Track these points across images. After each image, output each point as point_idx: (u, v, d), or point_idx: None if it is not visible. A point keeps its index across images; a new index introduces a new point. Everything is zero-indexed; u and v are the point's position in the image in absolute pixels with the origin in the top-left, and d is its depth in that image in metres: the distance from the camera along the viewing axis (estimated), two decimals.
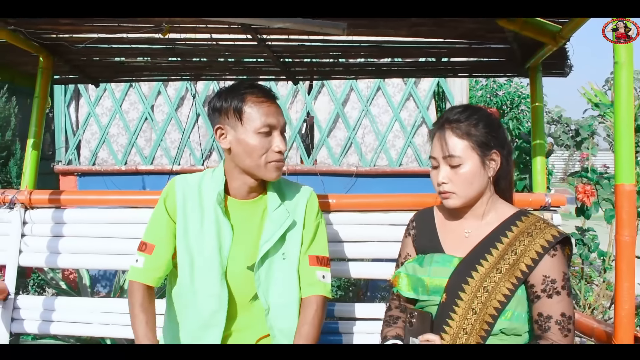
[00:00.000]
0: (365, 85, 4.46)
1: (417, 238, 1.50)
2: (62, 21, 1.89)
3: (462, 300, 1.31)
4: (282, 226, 1.50)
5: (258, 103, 1.42)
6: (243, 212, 1.51)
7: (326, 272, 1.55)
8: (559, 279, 1.26)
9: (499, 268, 1.29)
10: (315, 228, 1.57)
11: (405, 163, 4.47)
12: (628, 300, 1.26)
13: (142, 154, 4.74)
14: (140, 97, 4.70)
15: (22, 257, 2.01)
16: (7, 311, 1.98)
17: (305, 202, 1.56)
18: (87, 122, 4.78)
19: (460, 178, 1.33)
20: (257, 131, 1.41)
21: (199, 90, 4.64)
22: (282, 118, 1.46)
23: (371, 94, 4.44)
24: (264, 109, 1.42)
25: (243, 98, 1.43)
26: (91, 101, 4.75)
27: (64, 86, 4.72)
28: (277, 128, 1.44)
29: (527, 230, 1.32)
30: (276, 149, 1.43)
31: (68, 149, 4.78)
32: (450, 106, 1.46)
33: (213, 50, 2.21)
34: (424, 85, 4.39)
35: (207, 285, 1.45)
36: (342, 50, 2.13)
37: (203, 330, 1.45)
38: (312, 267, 1.53)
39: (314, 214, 1.57)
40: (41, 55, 2.17)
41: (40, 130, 2.18)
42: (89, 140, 4.81)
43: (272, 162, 1.44)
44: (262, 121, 1.41)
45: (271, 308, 1.49)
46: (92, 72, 2.49)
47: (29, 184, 2.10)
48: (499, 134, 1.37)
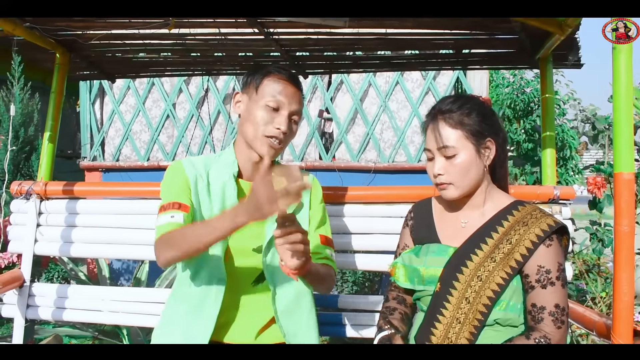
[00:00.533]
0: (383, 80, 4.44)
1: (414, 229, 1.49)
2: (76, 18, 1.96)
3: (455, 289, 1.30)
4: (289, 208, 1.50)
5: (277, 80, 1.48)
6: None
7: (333, 251, 1.60)
8: (553, 270, 1.24)
9: (494, 257, 1.28)
10: (323, 210, 1.62)
11: (424, 159, 4.41)
12: (627, 293, 1.23)
13: (164, 150, 4.83)
14: (163, 95, 4.79)
15: (37, 246, 2.08)
16: (23, 298, 2.05)
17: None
18: (111, 120, 4.89)
19: (456, 168, 1.32)
20: (266, 103, 1.45)
21: (219, 87, 4.69)
22: (295, 104, 1.48)
23: (390, 89, 4.42)
24: (280, 87, 1.47)
25: (267, 72, 1.50)
26: (115, 99, 4.86)
27: (89, 84, 4.85)
28: (285, 108, 1.46)
29: (522, 219, 1.30)
30: (276, 125, 1.45)
31: (93, 146, 4.90)
32: (442, 97, 1.45)
33: (223, 45, 2.24)
34: (443, 79, 4.34)
35: (208, 264, 1.46)
36: (350, 43, 2.13)
37: (200, 307, 1.46)
38: (323, 245, 1.57)
39: (319, 197, 1.62)
40: (57, 52, 2.23)
41: (56, 124, 2.24)
42: (113, 137, 4.92)
43: (268, 137, 1.45)
44: (272, 96, 1.46)
45: (277, 290, 1.50)
46: (107, 68, 2.55)
47: (45, 176, 2.17)
48: (492, 122, 1.35)
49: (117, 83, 4.86)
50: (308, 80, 4.55)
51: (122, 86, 4.84)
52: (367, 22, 1.86)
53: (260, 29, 1.98)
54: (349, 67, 2.49)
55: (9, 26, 1.87)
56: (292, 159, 4.65)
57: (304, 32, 2.04)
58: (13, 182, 2.12)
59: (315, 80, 4.54)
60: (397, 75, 4.36)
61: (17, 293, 2.05)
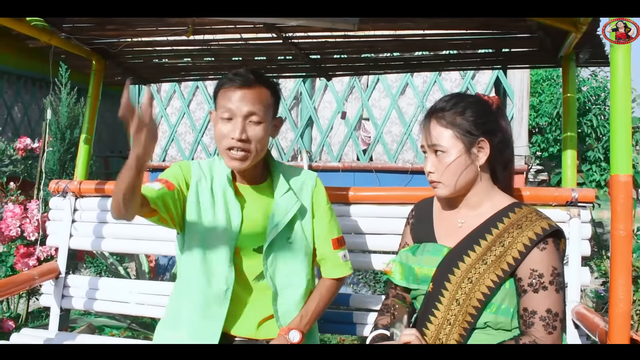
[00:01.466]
0: (421, 80, 4.40)
1: (414, 227, 1.50)
2: (108, 27, 2.08)
3: (447, 290, 1.30)
4: (290, 211, 1.55)
5: (226, 89, 1.47)
6: (251, 196, 1.58)
7: (345, 250, 1.64)
8: (546, 274, 1.22)
9: (485, 259, 1.27)
10: (329, 212, 1.64)
11: None
12: (623, 299, 1.19)
13: (207, 150, 5.00)
14: (206, 97, 4.95)
15: (72, 241, 2.22)
16: (59, 289, 2.20)
17: (312, 187, 1.62)
18: (158, 122, 5.11)
19: (444, 167, 1.32)
20: (220, 116, 1.46)
21: None
22: (247, 105, 1.44)
23: (428, 89, 4.37)
24: (228, 94, 1.45)
25: (222, 84, 1.49)
26: (162, 102, 5.08)
27: (138, 89, 5.09)
28: (237, 114, 1.43)
29: (517, 222, 1.28)
30: (230, 135, 1.42)
31: None
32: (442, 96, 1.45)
33: (245, 50, 2.31)
34: (483, 78, 4.25)
35: (216, 265, 1.53)
36: (367, 45, 2.15)
37: (208, 307, 1.53)
38: (335, 250, 1.61)
39: (323, 199, 1.64)
40: (93, 59, 2.37)
41: (92, 126, 2.39)
42: (160, 138, 5.13)
43: (227, 150, 1.45)
44: (223, 106, 1.45)
45: (279, 292, 1.55)
46: (142, 74, 2.68)
47: (80, 175, 2.32)
48: (488, 121, 1.34)
49: (164, 87, 5.07)
50: (345, 81, 4.59)
51: (168, 90, 5.04)
52: (383, 24, 1.87)
53: (278, 34, 2.04)
54: (370, 68, 2.50)
55: (45, 36, 2.02)
56: (329, 159, 4.69)
57: (321, 35, 2.08)
58: (51, 181, 2.28)
59: (353, 81, 4.56)
60: (434, 75, 4.32)
61: (54, 284, 2.20)
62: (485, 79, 4.23)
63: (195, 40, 2.33)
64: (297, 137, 4.71)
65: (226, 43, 2.26)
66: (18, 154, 2.87)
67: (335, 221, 1.66)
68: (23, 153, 2.92)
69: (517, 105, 4.14)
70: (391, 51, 2.19)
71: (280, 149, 4.78)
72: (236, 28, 2.04)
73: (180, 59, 2.47)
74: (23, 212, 2.32)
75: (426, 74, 4.36)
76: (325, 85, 4.65)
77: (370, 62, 2.38)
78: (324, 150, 4.76)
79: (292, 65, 2.47)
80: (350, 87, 4.60)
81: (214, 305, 1.53)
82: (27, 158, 3.00)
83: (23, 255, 2.28)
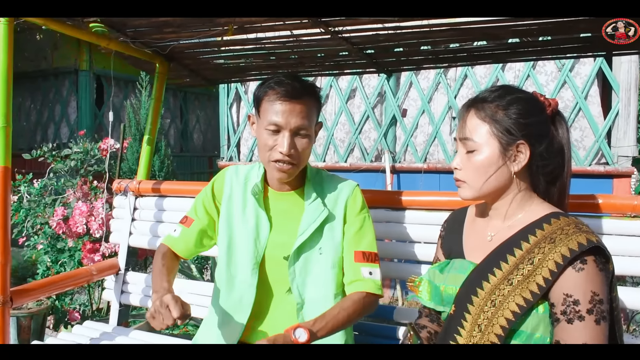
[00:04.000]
0: (513, 74, 4.05)
1: (444, 240, 1.33)
2: (166, 30, 2.12)
3: (469, 314, 1.12)
4: (317, 219, 1.47)
5: (273, 99, 1.41)
6: (282, 203, 1.53)
7: (374, 268, 1.47)
8: (583, 300, 1.00)
9: (511, 279, 1.07)
10: (360, 222, 1.51)
11: None
12: None
13: None
14: None
15: (131, 239, 2.30)
16: (118, 284, 2.29)
17: (347, 197, 1.52)
18: (245, 122, 5.23)
19: (472, 165, 1.15)
20: (265, 127, 1.41)
21: (342, 88, 4.72)
22: (297, 119, 1.39)
23: (520, 83, 4.01)
24: (276, 107, 1.40)
25: (265, 92, 1.44)
26: (249, 103, 5.19)
27: (226, 90, 5.25)
28: (286, 128, 1.39)
29: (551, 235, 1.07)
30: (279, 149, 1.39)
31: (229, 147, 5.30)
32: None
33: (299, 47, 2.24)
34: (584, 70, 3.80)
35: (241, 271, 1.50)
36: (421, 36, 1.98)
37: (231, 313, 1.50)
38: (357, 263, 1.47)
39: (357, 208, 1.52)
40: (156, 62, 2.44)
41: (154, 128, 2.46)
42: (247, 138, 5.26)
43: (273, 162, 1.42)
44: (269, 119, 1.40)
45: (305, 303, 1.47)
46: (207, 75, 2.72)
47: (142, 175, 2.40)
48: (535, 123, 1.13)
49: (251, 88, 5.18)
50: (431, 77, 4.35)
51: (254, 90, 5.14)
52: None
53: (325, 28, 1.94)
54: (430, 62, 2.30)
55: (103, 41, 2.10)
56: (413, 159, 4.48)
57: (371, 27, 1.95)
58: (114, 180, 2.38)
59: (439, 77, 4.32)
60: (528, 68, 3.94)
61: (114, 279, 2.29)
62: (586, 70, 3.78)
63: (249, 39, 2.32)
64: (381, 137, 4.56)
65: (279, 41, 2.20)
66: (102, 154, 3.07)
67: (368, 234, 1.52)
68: (106, 153, 3.11)
69: (622, 100, 3.64)
70: (447, 42, 1.99)
71: (363, 149, 4.67)
72: (285, 24, 1.97)
73: (238, 59, 2.46)
74: (89, 209, 2.45)
75: (519, 68, 4.00)
76: (410, 82, 4.46)
77: (431, 55, 2.19)
78: (408, 150, 4.56)
79: (347, 61, 2.35)
80: (435, 84, 4.36)
81: (234, 313, 1.49)
82: (110, 158, 3.19)
83: (89, 250, 2.42)
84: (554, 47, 1.98)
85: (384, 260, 1.84)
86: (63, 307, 2.54)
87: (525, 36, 1.86)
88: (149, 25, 2.08)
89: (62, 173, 3.12)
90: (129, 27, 2.11)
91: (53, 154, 3.18)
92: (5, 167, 1.69)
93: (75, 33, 2.02)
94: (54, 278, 2.08)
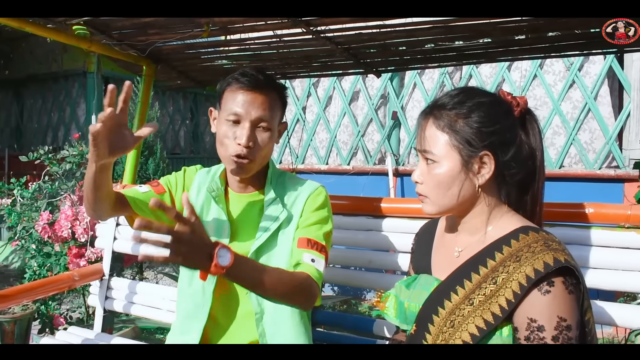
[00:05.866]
0: (519, 75, 3.93)
1: (414, 254, 1.25)
2: (150, 31, 2.08)
3: (430, 334, 1.04)
4: (275, 222, 1.40)
5: (235, 89, 1.36)
6: (242, 206, 1.46)
7: (317, 257, 1.35)
8: (548, 327, 0.91)
9: (472, 299, 0.99)
10: (314, 218, 1.41)
11: (567, 164, 3.80)
12: None
13: (295, 153, 4.96)
14: (293, 99, 4.92)
15: (115, 244, 2.26)
16: (102, 290, 2.25)
17: (307, 195, 1.43)
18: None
19: (433, 179, 1.06)
20: (226, 118, 1.35)
21: (345, 89, 4.64)
22: (258, 110, 1.34)
23: (526, 84, 3.89)
24: (237, 97, 1.35)
25: (228, 82, 1.39)
26: None
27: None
28: (245, 119, 1.34)
29: (517, 252, 0.98)
30: (237, 141, 1.33)
31: None
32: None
33: (284, 48, 2.18)
34: (593, 69, 3.66)
35: (197, 277, 1.41)
36: (406, 34, 1.90)
37: (188, 320, 1.45)
38: (299, 249, 1.36)
39: (314, 206, 1.42)
40: (143, 64, 2.40)
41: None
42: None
43: (231, 157, 1.35)
44: (229, 108, 1.35)
45: (264, 311, 1.40)
46: (196, 76, 2.67)
47: (128, 179, 2.36)
48: (500, 130, 1.03)
49: None
50: (435, 78, 4.25)
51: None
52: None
53: (307, 28, 1.88)
54: (419, 61, 2.22)
55: (84, 44, 2.06)
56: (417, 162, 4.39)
57: (353, 27, 1.88)
58: None
59: (443, 78, 4.21)
60: (535, 68, 3.82)
61: (99, 285, 2.26)
62: (596, 69, 3.64)
63: (232, 40, 2.27)
64: (384, 139, 4.48)
65: (263, 41, 2.14)
66: None
67: (321, 229, 1.40)
68: None
69: (634, 100, 3.50)
70: (435, 40, 1.91)
71: (366, 152, 4.58)
72: (267, 25, 1.91)
73: (224, 60, 2.40)
74: (74, 214, 2.42)
75: (525, 67, 3.88)
76: (413, 82, 4.36)
77: (420, 55, 2.10)
78: (412, 153, 4.46)
79: (334, 62, 2.28)
80: (440, 85, 4.26)
81: (193, 319, 1.44)
82: None
83: (75, 255, 2.39)
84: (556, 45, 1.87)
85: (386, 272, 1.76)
86: (49, 312, 2.52)
87: (516, 34, 1.76)
88: (133, 26, 2.04)
89: (57, 176, 3.10)
90: (113, 28, 2.07)
91: (49, 157, 3.16)
92: None
93: (55, 36, 1.98)
94: (34, 284, 2.05)
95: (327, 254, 1.38)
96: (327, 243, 1.39)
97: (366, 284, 1.81)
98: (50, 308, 2.54)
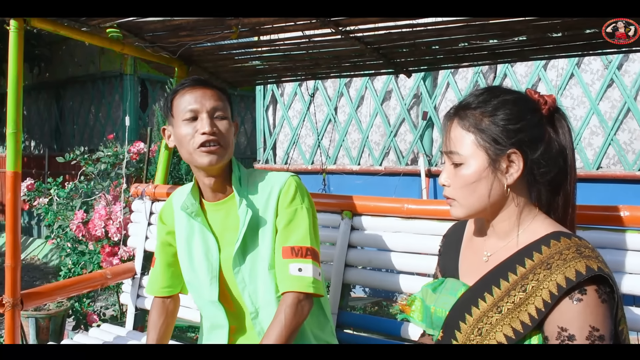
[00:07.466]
0: (555, 74, 3.82)
1: (442, 257, 1.23)
2: (181, 33, 2.11)
3: (457, 341, 1.02)
4: (249, 222, 1.38)
5: (183, 93, 1.39)
6: (220, 214, 1.45)
7: (304, 264, 1.33)
8: (579, 335, 0.87)
9: (500, 307, 0.96)
10: (290, 215, 1.38)
11: (605, 165, 3.67)
12: None
13: (327, 153, 4.96)
14: (325, 100, 4.91)
15: (147, 243, 2.30)
16: (134, 288, 2.29)
17: (279, 189, 1.40)
18: (281, 125, 5.22)
19: (459, 181, 1.04)
20: (182, 119, 1.37)
21: (378, 89, 4.62)
22: (210, 101, 1.37)
23: (563, 83, 3.78)
24: (186, 96, 1.38)
25: (174, 92, 1.42)
26: (284, 105, 5.17)
27: (263, 92, 5.25)
28: (201, 111, 1.36)
29: (548, 260, 0.94)
30: (201, 131, 1.34)
31: (266, 149, 5.30)
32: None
33: (313, 48, 2.18)
34: (633, 67, 3.54)
35: (204, 291, 1.46)
36: (436, 33, 1.87)
37: (212, 330, 1.48)
38: (285, 260, 1.35)
39: (287, 200, 1.39)
40: (175, 65, 2.44)
41: None
42: (283, 141, 5.24)
43: (199, 148, 1.35)
44: (183, 108, 1.37)
45: (258, 311, 1.41)
46: (227, 78, 2.70)
47: (160, 179, 2.40)
48: (527, 127, 1.00)
49: (287, 90, 5.16)
50: (469, 77, 4.18)
51: (290, 92, 5.11)
52: None
53: (335, 28, 1.87)
54: (450, 60, 2.18)
55: (117, 46, 2.10)
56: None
57: (382, 26, 1.86)
58: (132, 185, 2.39)
59: (477, 77, 4.14)
60: (572, 66, 3.71)
61: (131, 283, 2.30)
62: (636, 68, 3.52)
63: (262, 41, 2.28)
64: (416, 139, 4.43)
65: (292, 42, 2.15)
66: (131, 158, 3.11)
67: (300, 227, 1.38)
68: (136, 157, 3.15)
69: None
70: (466, 40, 1.87)
71: (398, 152, 4.54)
72: (296, 25, 1.91)
73: (255, 61, 2.42)
74: (108, 213, 2.48)
75: (562, 66, 3.77)
76: (447, 82, 4.30)
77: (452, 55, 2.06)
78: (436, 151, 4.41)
79: (364, 62, 2.26)
80: (474, 84, 4.18)
81: (216, 330, 1.48)
82: (139, 161, 3.23)
83: (108, 254, 2.44)
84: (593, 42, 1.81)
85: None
86: (82, 309, 2.58)
87: (550, 31, 1.71)
88: (164, 28, 2.07)
89: (92, 176, 3.18)
90: (145, 31, 2.10)
91: (85, 157, 3.24)
92: (15, 173, 1.71)
93: (89, 39, 2.02)
94: (67, 281, 2.11)
95: (316, 252, 1.37)
96: (312, 239, 1.38)
97: (396, 287, 1.79)
98: (84, 305, 2.61)
